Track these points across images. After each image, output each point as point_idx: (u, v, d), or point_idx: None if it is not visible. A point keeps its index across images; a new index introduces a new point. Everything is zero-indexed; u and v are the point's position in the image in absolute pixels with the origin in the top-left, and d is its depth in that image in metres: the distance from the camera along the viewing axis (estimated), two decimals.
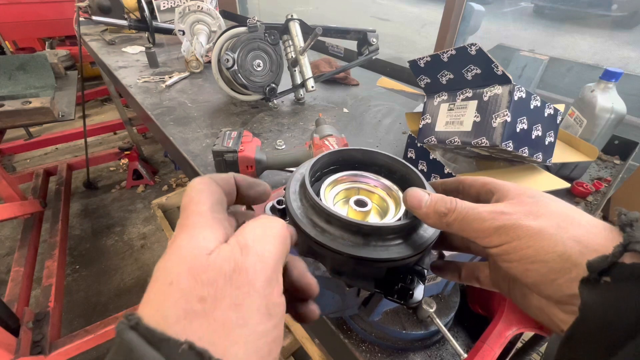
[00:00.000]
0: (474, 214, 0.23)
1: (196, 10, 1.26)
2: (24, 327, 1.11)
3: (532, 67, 1.76)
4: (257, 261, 0.17)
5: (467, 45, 0.54)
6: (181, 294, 0.15)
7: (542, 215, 0.21)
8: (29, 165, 2.42)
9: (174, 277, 0.16)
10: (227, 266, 0.16)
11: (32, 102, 1.14)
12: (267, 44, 0.88)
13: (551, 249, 0.20)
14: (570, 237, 0.20)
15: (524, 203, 0.23)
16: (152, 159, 2.52)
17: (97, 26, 1.82)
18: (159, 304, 0.15)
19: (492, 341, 0.37)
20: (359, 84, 1.21)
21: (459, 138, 0.57)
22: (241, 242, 0.18)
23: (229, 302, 0.16)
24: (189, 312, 0.15)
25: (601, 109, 0.69)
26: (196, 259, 0.16)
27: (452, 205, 0.24)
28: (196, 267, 0.16)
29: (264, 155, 0.63)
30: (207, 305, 0.15)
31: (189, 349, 0.14)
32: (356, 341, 0.44)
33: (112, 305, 1.52)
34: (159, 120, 0.89)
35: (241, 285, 0.16)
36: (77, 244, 1.83)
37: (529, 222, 0.21)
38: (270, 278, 0.17)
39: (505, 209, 0.22)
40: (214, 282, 0.16)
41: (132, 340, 0.14)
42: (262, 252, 0.18)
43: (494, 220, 0.22)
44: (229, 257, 0.17)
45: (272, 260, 0.18)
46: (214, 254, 0.17)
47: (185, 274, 0.16)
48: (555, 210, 0.22)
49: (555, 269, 0.20)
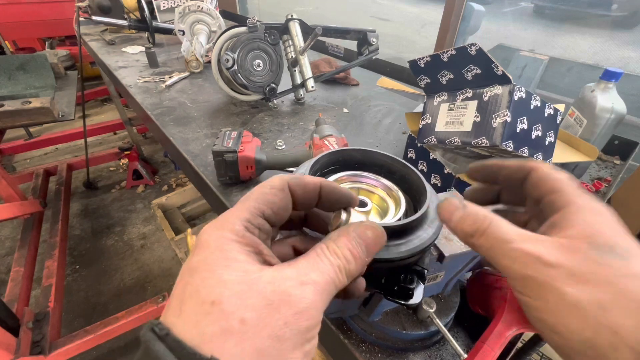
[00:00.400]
0: (503, 249, 0.19)
1: (196, 10, 1.26)
2: (24, 327, 1.11)
3: (532, 67, 1.76)
4: (310, 304, 0.17)
5: (467, 45, 0.54)
6: (222, 314, 0.15)
7: (590, 283, 0.16)
8: (29, 165, 2.42)
9: (216, 297, 0.15)
10: (276, 297, 0.16)
11: (32, 102, 1.14)
12: (267, 44, 0.88)
13: (577, 332, 0.16)
14: (608, 325, 0.16)
15: (579, 254, 0.17)
16: (152, 159, 2.52)
17: (97, 26, 1.82)
18: (197, 321, 0.15)
19: (492, 341, 0.37)
20: (359, 84, 1.21)
21: (459, 138, 0.57)
22: (302, 276, 0.17)
23: (269, 332, 0.15)
24: (226, 331, 0.15)
25: (601, 109, 0.69)
26: (241, 281, 0.16)
27: (482, 226, 0.20)
28: (242, 290, 0.16)
29: (264, 155, 0.63)
30: (248, 327, 0.15)
31: None
32: (356, 341, 0.44)
33: (112, 305, 1.52)
34: (159, 120, 0.89)
35: (288, 321, 0.16)
36: (77, 244, 1.83)
37: (565, 288, 0.17)
38: (316, 322, 0.17)
39: (547, 254, 0.17)
40: (260, 308, 0.15)
41: (159, 352, 0.14)
42: (314, 298, 0.17)
43: (525, 265, 0.18)
44: (280, 288, 0.16)
45: (323, 305, 0.17)
46: (261, 279, 0.16)
47: (229, 295, 0.16)
48: (609, 281, 0.16)
49: (574, 350, 0.17)
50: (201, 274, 0.17)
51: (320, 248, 0.19)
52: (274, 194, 0.21)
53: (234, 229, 0.18)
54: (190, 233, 1.52)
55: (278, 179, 0.22)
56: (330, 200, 0.23)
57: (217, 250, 0.17)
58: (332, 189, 0.23)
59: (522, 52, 1.82)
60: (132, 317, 1.26)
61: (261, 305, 0.16)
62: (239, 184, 0.66)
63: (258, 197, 0.20)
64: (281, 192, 0.21)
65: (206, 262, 0.17)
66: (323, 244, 0.20)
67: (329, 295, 0.18)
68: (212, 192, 0.66)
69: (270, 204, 0.20)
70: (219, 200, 0.64)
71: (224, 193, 0.64)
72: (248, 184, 0.66)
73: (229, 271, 0.16)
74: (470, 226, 0.20)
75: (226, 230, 0.18)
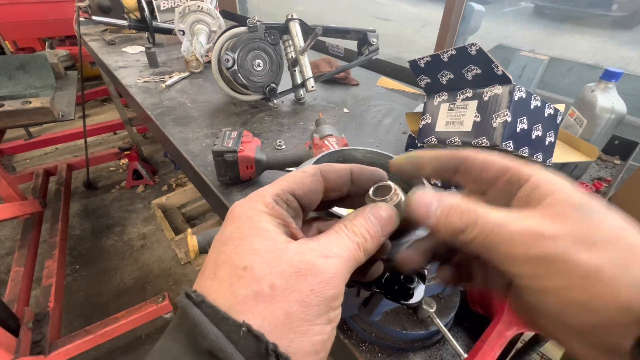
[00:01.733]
0: (501, 234, 0.17)
1: (196, 10, 1.26)
2: (24, 327, 1.11)
3: (532, 67, 1.76)
4: (334, 275, 0.17)
5: (467, 45, 0.54)
6: (254, 279, 0.16)
7: (598, 244, 0.16)
8: (29, 165, 2.42)
9: (248, 263, 0.17)
10: (302, 265, 0.17)
11: (32, 102, 1.14)
12: (267, 44, 0.88)
13: (610, 299, 0.15)
14: (635, 282, 0.15)
15: (570, 218, 0.16)
16: (152, 159, 2.52)
17: (97, 26, 1.82)
18: (230, 283, 0.16)
19: (492, 341, 0.37)
20: (359, 84, 1.21)
21: (459, 138, 0.57)
22: (325, 250, 0.18)
23: (297, 297, 0.16)
24: (258, 294, 0.16)
25: (601, 109, 0.69)
26: (270, 249, 0.17)
27: (471, 219, 0.18)
28: (272, 258, 0.17)
29: (264, 155, 0.63)
30: (277, 292, 0.16)
31: (248, 332, 0.15)
32: (356, 341, 0.44)
33: (112, 305, 1.52)
34: (158, 120, 0.89)
35: (314, 287, 0.17)
36: (77, 244, 1.83)
37: (580, 255, 0.15)
38: (340, 292, 0.18)
39: (546, 228, 0.16)
40: (288, 275, 0.17)
41: (196, 316, 0.15)
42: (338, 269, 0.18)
43: (530, 247, 0.16)
44: (305, 258, 0.17)
45: (345, 277, 0.18)
46: (289, 250, 0.18)
47: (260, 262, 0.17)
48: (613, 236, 0.16)
49: (608, 322, 0.15)
50: (234, 242, 0.18)
51: (339, 227, 0.20)
52: (305, 176, 0.22)
53: (264, 201, 0.19)
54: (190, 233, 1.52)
55: (310, 166, 0.23)
56: (363, 183, 0.23)
57: (247, 221, 0.18)
58: (362, 170, 0.23)
59: (522, 52, 1.82)
60: (132, 317, 1.27)
61: (289, 273, 0.17)
62: (239, 184, 0.66)
63: (289, 177, 0.21)
64: (312, 175, 0.22)
65: (238, 231, 0.18)
66: (341, 223, 0.20)
67: (350, 269, 0.19)
68: (212, 192, 0.66)
69: (300, 184, 0.21)
70: (219, 200, 0.64)
71: (224, 193, 0.64)
72: (248, 184, 0.66)
73: (259, 239, 0.18)
74: (460, 220, 0.18)
75: (256, 202, 0.19)
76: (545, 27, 2.93)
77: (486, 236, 0.18)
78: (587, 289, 0.15)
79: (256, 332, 0.15)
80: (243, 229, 0.18)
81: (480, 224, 0.18)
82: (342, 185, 0.23)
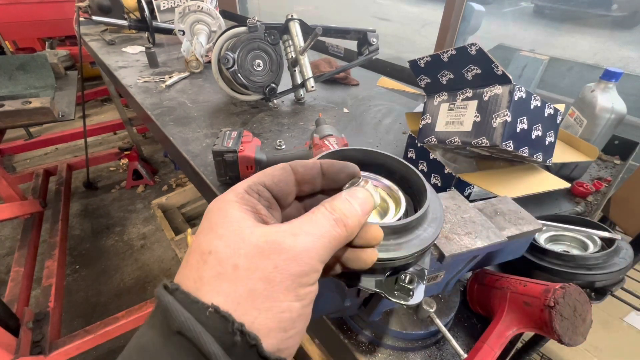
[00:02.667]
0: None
1: (196, 10, 1.26)
2: (24, 327, 1.11)
3: (532, 67, 1.76)
4: (302, 251, 0.18)
5: (467, 45, 0.54)
6: (218, 261, 0.17)
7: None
8: (29, 165, 2.42)
9: (213, 248, 0.18)
10: (267, 246, 0.18)
11: (32, 102, 1.14)
12: (267, 44, 0.88)
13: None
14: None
15: None
16: (152, 159, 2.52)
17: (97, 26, 1.82)
18: (197, 268, 0.17)
19: (492, 341, 0.37)
20: (359, 84, 1.21)
21: (459, 138, 0.57)
22: (295, 229, 0.19)
23: (260, 275, 0.17)
24: (221, 274, 0.17)
25: (601, 109, 0.69)
26: (235, 234, 0.18)
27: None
28: (235, 241, 0.18)
29: (264, 155, 0.63)
30: (240, 272, 0.17)
31: (215, 312, 0.16)
32: (356, 341, 0.44)
33: (112, 305, 1.52)
34: (159, 120, 0.89)
35: (277, 265, 0.17)
36: (77, 244, 1.83)
37: None
38: (311, 269, 0.18)
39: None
40: (252, 256, 0.17)
41: (168, 302, 0.16)
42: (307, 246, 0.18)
43: None
44: (271, 238, 0.18)
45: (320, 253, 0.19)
46: (255, 232, 0.18)
47: (224, 246, 0.18)
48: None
49: None
50: (203, 231, 0.19)
51: (315, 209, 0.21)
52: (275, 169, 0.23)
53: (235, 192, 0.21)
54: (190, 233, 1.53)
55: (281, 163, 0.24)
56: (333, 175, 0.25)
57: (217, 211, 0.20)
58: (331, 164, 0.25)
59: (522, 52, 1.82)
60: (132, 317, 1.26)
61: (252, 253, 0.17)
62: None
63: (260, 172, 0.23)
64: (282, 169, 0.23)
65: (208, 222, 0.19)
66: (319, 205, 0.21)
67: (328, 245, 0.19)
68: (212, 192, 0.66)
69: (269, 176, 0.22)
70: None
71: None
72: None
73: (226, 226, 0.19)
74: None
75: (227, 194, 0.21)
76: (545, 27, 2.93)
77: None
78: None
79: (223, 313, 0.16)
80: (212, 219, 0.19)
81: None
82: (313, 177, 0.24)
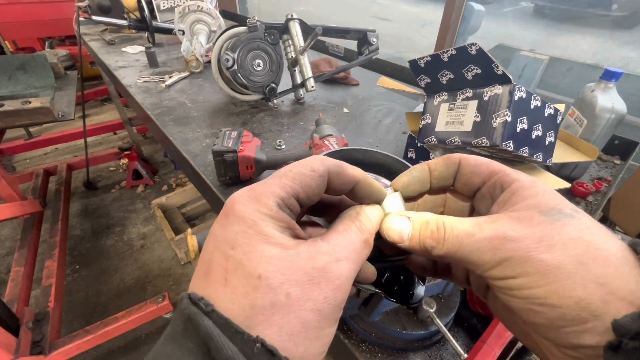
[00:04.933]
0: (470, 244, 0.18)
1: (196, 10, 1.26)
2: (24, 327, 1.11)
3: (532, 67, 1.76)
4: (345, 280, 0.18)
5: (467, 45, 0.54)
6: (270, 288, 0.16)
7: (558, 245, 0.16)
8: (29, 165, 2.42)
9: (262, 272, 0.16)
10: (316, 273, 0.17)
11: (32, 102, 1.14)
12: (267, 44, 0.88)
13: (567, 293, 0.16)
14: (593, 279, 0.16)
15: (535, 222, 0.17)
16: (152, 159, 2.52)
17: (97, 26, 1.82)
18: (245, 293, 0.16)
19: (492, 341, 0.37)
20: (359, 83, 1.21)
21: (459, 138, 0.57)
22: (336, 253, 0.18)
23: (312, 306, 0.16)
24: (275, 304, 0.16)
25: (601, 109, 0.69)
26: (282, 257, 0.17)
27: (440, 236, 0.19)
28: (285, 265, 0.17)
29: (264, 155, 0.63)
30: (292, 301, 0.16)
31: (262, 347, 0.15)
32: (356, 341, 0.44)
33: (112, 305, 1.52)
34: (158, 120, 0.89)
35: (327, 296, 0.17)
36: (77, 244, 1.83)
37: (541, 255, 0.16)
38: (347, 296, 0.18)
39: (510, 231, 0.17)
40: (303, 283, 0.17)
41: (209, 328, 0.15)
42: (348, 274, 0.18)
43: (497, 251, 0.17)
44: (319, 265, 0.17)
45: (353, 279, 0.19)
46: (300, 255, 0.17)
47: (274, 271, 0.16)
48: (574, 237, 0.17)
49: (567, 316, 0.16)
50: (242, 247, 0.17)
51: (347, 224, 0.20)
52: (313, 177, 0.20)
53: (269, 204, 0.18)
54: (190, 233, 1.52)
55: (320, 163, 0.20)
56: (362, 194, 0.22)
57: (254, 225, 0.18)
58: (369, 185, 0.22)
59: (522, 52, 1.82)
60: (132, 317, 1.26)
61: (304, 281, 0.17)
62: (239, 184, 0.66)
63: (296, 177, 0.20)
64: (320, 177, 0.20)
65: (245, 236, 0.17)
66: (348, 220, 0.20)
67: (358, 268, 0.19)
68: (212, 192, 0.66)
69: (306, 187, 0.20)
70: (219, 200, 0.64)
71: (224, 193, 0.64)
72: (248, 184, 0.66)
73: (269, 247, 0.17)
74: (432, 239, 0.19)
75: (262, 205, 0.18)
76: (545, 27, 2.93)
77: (457, 249, 0.18)
78: (546, 286, 0.16)
79: (270, 347, 0.15)
80: (250, 234, 0.17)
81: (450, 239, 0.19)
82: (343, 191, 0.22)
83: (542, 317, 0.16)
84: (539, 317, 0.17)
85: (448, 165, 0.22)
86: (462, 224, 0.19)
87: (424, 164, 0.23)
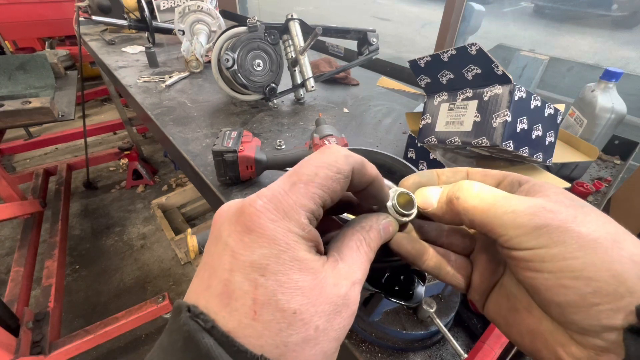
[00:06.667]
0: (504, 205, 0.18)
1: (196, 10, 1.26)
2: (24, 327, 1.11)
3: (532, 67, 1.76)
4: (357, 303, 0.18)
5: (467, 45, 0.54)
6: (303, 323, 0.15)
7: (592, 223, 0.17)
8: (29, 165, 2.42)
9: (297, 307, 0.15)
10: (340, 301, 0.17)
11: (32, 102, 1.13)
12: (267, 44, 0.88)
13: (605, 267, 0.15)
14: (628, 257, 0.15)
15: (566, 204, 0.18)
16: (152, 159, 2.52)
17: (97, 26, 1.82)
18: (278, 330, 0.15)
19: (492, 341, 0.37)
20: (359, 83, 1.21)
21: (459, 138, 0.57)
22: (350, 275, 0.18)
23: (334, 336, 0.16)
24: (306, 339, 0.15)
25: (601, 109, 0.69)
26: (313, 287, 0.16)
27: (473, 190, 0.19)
28: (316, 297, 0.16)
29: (264, 155, 0.63)
30: (319, 333, 0.16)
31: None
32: (356, 341, 0.44)
33: (112, 305, 1.52)
34: (158, 120, 0.89)
35: (345, 325, 0.17)
36: (77, 244, 1.83)
37: (580, 228, 0.16)
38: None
39: (547, 204, 0.17)
40: (328, 313, 0.16)
41: (211, 347, 0.14)
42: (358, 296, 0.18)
43: (534, 217, 0.17)
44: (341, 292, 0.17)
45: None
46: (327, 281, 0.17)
47: (307, 304, 0.16)
48: (603, 220, 0.17)
49: (603, 291, 0.15)
50: (276, 276, 0.15)
51: (359, 241, 0.20)
52: (339, 181, 0.18)
53: (301, 222, 0.17)
54: (190, 233, 1.52)
55: (344, 161, 0.19)
56: (372, 193, 0.21)
57: (288, 249, 0.16)
58: (380, 187, 0.21)
59: (522, 52, 1.82)
60: (132, 317, 1.26)
61: (329, 311, 0.16)
62: (239, 184, 0.66)
63: (324, 183, 0.18)
64: (345, 179, 0.19)
65: (278, 263, 0.16)
66: (360, 235, 0.20)
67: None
68: (212, 192, 0.66)
69: (333, 193, 0.18)
70: (219, 200, 0.64)
71: (224, 193, 0.64)
72: (248, 184, 0.66)
73: (303, 275, 0.16)
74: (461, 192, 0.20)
75: (292, 223, 0.16)
76: (545, 27, 2.93)
77: (490, 206, 0.18)
78: (584, 257, 0.16)
79: None
80: (284, 260, 0.16)
81: (483, 194, 0.19)
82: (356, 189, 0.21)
83: (574, 293, 0.16)
84: (570, 293, 0.16)
85: (455, 172, 0.23)
86: (498, 190, 0.19)
87: (432, 170, 0.24)
